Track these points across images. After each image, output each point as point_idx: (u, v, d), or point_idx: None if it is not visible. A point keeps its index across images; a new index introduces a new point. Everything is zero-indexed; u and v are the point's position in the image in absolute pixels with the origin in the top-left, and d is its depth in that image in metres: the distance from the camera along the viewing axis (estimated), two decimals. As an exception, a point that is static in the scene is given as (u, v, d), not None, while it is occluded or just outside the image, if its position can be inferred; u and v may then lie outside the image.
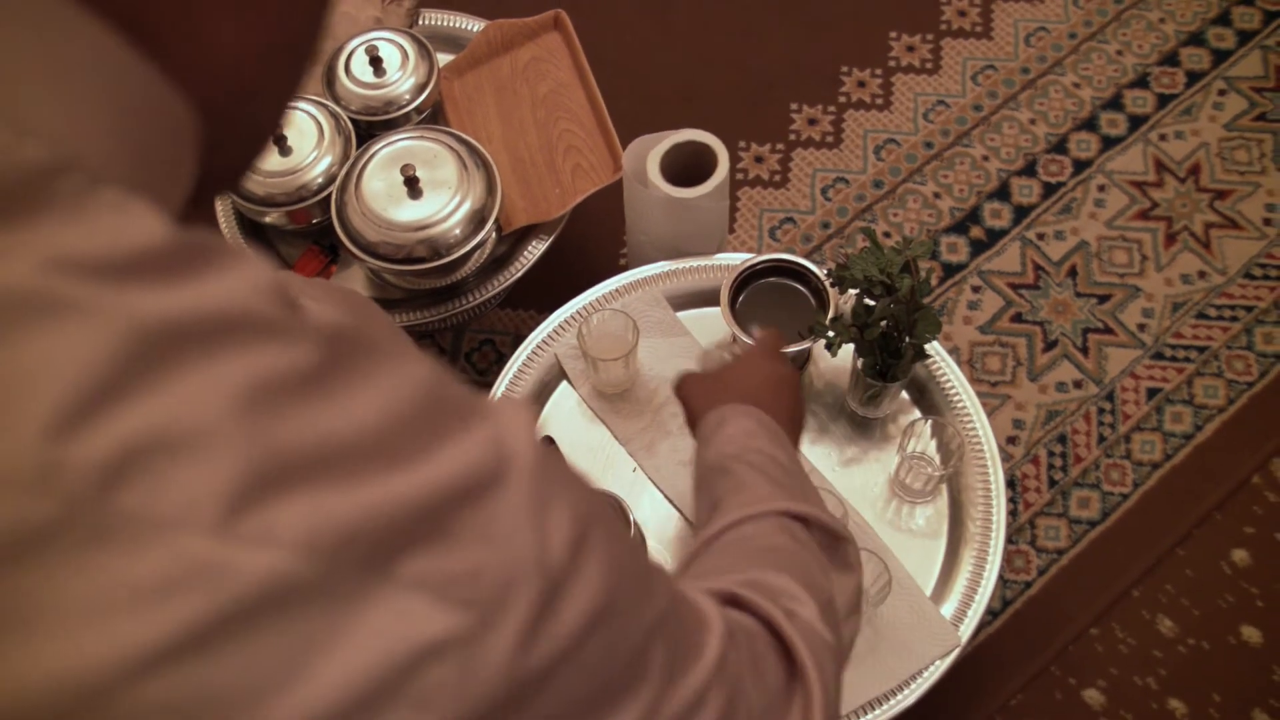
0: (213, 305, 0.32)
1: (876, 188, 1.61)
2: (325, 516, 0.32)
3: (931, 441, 1.19)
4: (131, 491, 0.30)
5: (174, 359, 0.31)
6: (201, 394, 0.31)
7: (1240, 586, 1.34)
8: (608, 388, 1.25)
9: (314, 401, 0.33)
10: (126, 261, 0.31)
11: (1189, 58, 1.69)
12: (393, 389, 0.36)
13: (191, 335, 0.32)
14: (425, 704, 0.34)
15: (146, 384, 0.30)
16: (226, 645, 0.30)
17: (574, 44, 1.43)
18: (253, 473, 0.31)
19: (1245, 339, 1.48)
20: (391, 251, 1.26)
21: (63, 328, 0.30)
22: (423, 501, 0.34)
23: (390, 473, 0.34)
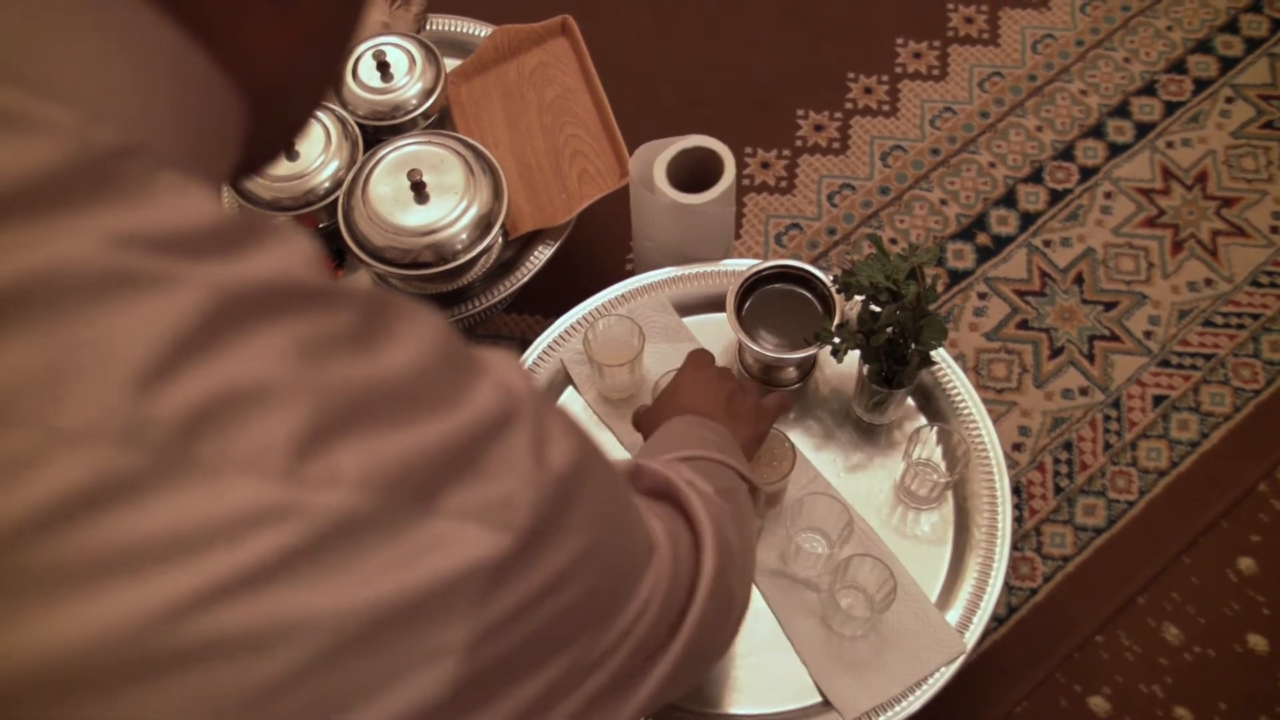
0: (269, 274, 0.36)
1: (883, 194, 1.61)
2: (379, 457, 0.36)
3: (937, 448, 1.19)
4: (210, 441, 0.33)
5: (241, 322, 0.34)
6: (266, 352, 0.35)
7: (1246, 594, 1.34)
8: (613, 393, 1.25)
9: (360, 356, 0.37)
10: (192, 236, 0.35)
11: (1196, 65, 1.69)
12: (420, 342, 0.40)
13: (253, 301, 0.35)
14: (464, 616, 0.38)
15: (218, 345, 0.34)
16: (298, 575, 0.34)
17: (581, 49, 1.43)
18: (315, 421, 0.35)
19: (1252, 347, 1.48)
20: (398, 256, 1.27)
21: (137, 297, 0.33)
22: (457, 441, 0.38)
23: (428, 416, 0.38)
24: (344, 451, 0.35)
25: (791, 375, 1.26)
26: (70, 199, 0.33)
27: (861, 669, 1.10)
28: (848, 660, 1.11)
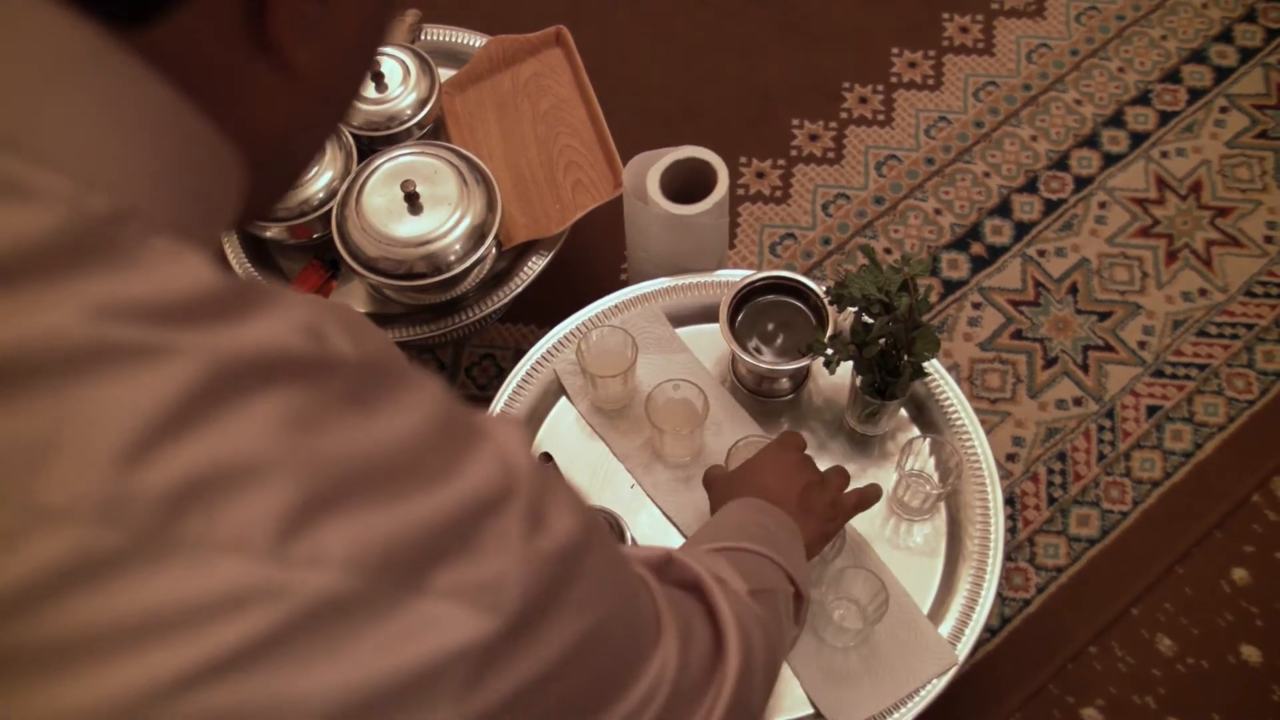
0: (259, 344, 0.35)
1: (878, 204, 1.61)
2: (368, 536, 0.35)
3: (930, 459, 1.19)
4: (193, 520, 0.32)
5: (230, 394, 0.34)
6: (256, 426, 0.34)
7: (1240, 605, 1.34)
8: (606, 404, 1.25)
9: (353, 427, 0.36)
10: (183, 304, 0.34)
11: (1191, 75, 1.69)
12: (416, 411, 0.39)
13: (244, 372, 0.34)
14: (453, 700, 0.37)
15: (205, 419, 0.33)
16: (281, 658, 0.33)
17: (575, 60, 1.43)
18: (303, 498, 0.34)
19: (1246, 357, 1.48)
20: (392, 267, 1.27)
21: (123, 370, 0.32)
22: (451, 517, 0.37)
23: (420, 491, 0.37)
24: (331, 530, 0.34)
25: (784, 386, 1.26)
26: (60, 268, 0.33)
27: (853, 680, 1.10)
28: (840, 672, 1.11)
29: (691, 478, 1.21)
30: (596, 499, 1.20)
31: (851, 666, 1.11)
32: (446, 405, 0.41)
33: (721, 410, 1.24)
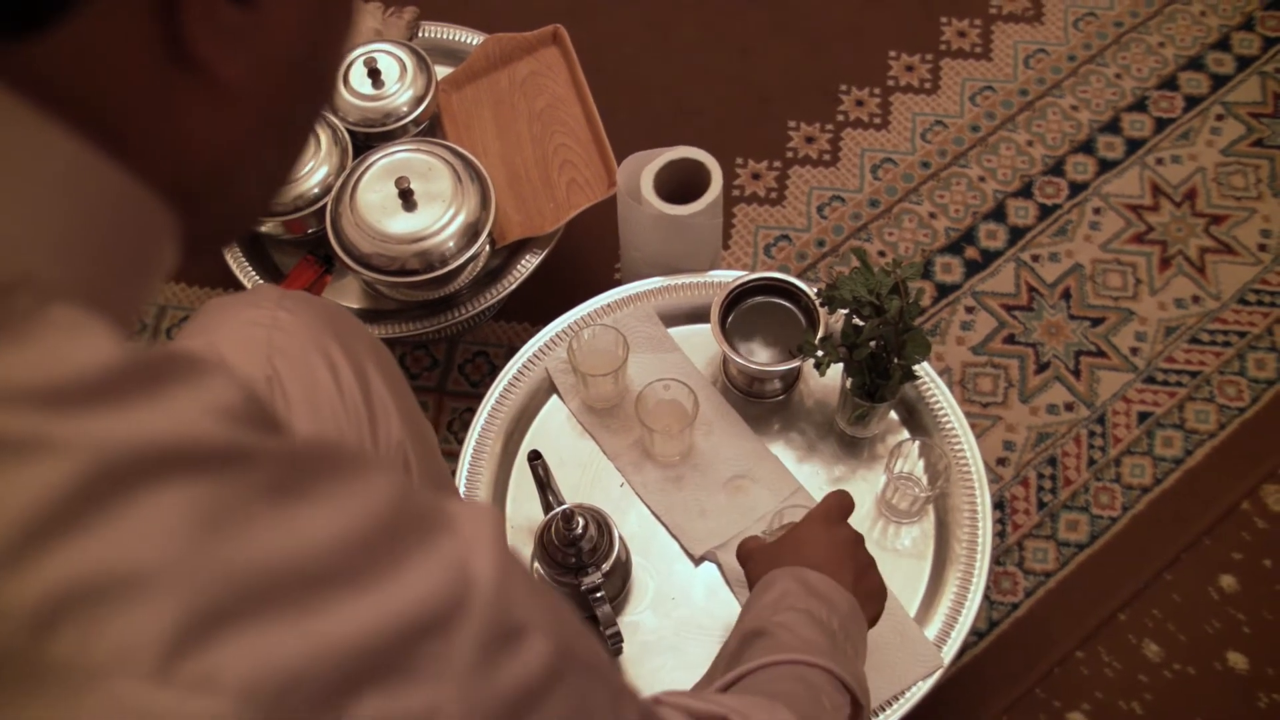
0: (159, 434, 0.31)
1: (872, 206, 1.61)
2: (271, 658, 0.30)
3: (919, 462, 1.19)
4: (65, 638, 0.28)
5: (116, 494, 0.30)
6: (143, 531, 0.30)
7: (1227, 612, 1.34)
8: (597, 402, 1.25)
9: (267, 527, 0.32)
10: (68, 389, 0.30)
11: (1187, 82, 1.70)
12: (353, 507, 0.34)
13: (135, 467, 0.30)
14: None
15: (82, 523, 0.29)
16: None
17: (572, 59, 1.43)
18: (196, 612, 0.30)
19: (1238, 364, 1.48)
20: (385, 263, 1.27)
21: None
22: (379, 635, 0.33)
23: (346, 601, 0.32)
24: (229, 650, 0.30)
25: (775, 387, 1.26)
26: None
27: (839, 682, 1.11)
28: (825, 673, 1.11)
29: (681, 477, 1.21)
30: (586, 497, 1.20)
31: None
32: (394, 499, 0.35)
33: (712, 410, 1.24)
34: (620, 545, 1.12)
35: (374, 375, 0.83)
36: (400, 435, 0.82)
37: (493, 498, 1.21)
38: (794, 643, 0.77)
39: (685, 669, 1.13)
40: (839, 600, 0.85)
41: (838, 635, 0.81)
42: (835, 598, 0.85)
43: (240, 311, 0.81)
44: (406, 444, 0.82)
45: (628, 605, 1.16)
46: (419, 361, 1.50)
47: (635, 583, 1.17)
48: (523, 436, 1.26)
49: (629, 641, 1.12)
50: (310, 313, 0.83)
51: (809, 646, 0.76)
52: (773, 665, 0.74)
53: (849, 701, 0.75)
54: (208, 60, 0.35)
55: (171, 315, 1.55)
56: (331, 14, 0.40)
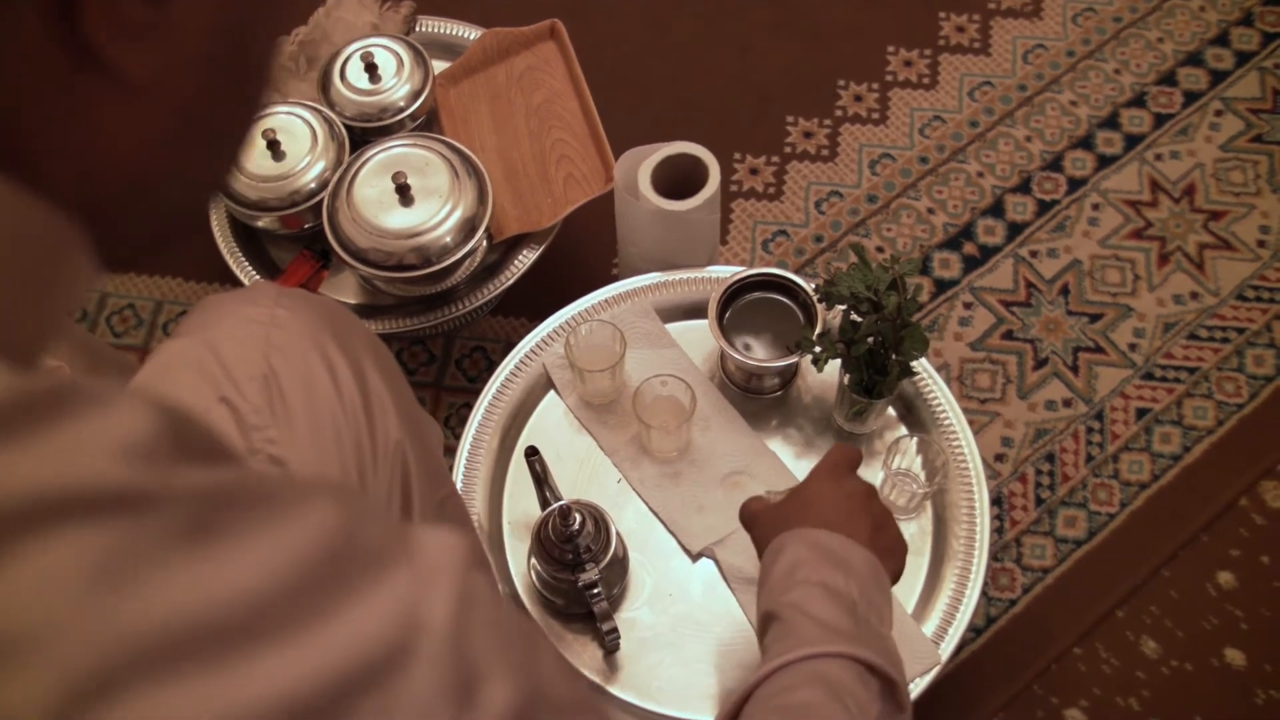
0: (47, 477, 0.28)
1: (870, 202, 1.61)
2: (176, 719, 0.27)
3: (917, 459, 1.19)
4: None
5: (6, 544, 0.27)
6: (27, 588, 0.27)
7: (1225, 609, 1.34)
8: (594, 398, 1.25)
9: (173, 576, 0.29)
10: None
11: (1186, 78, 1.69)
12: (282, 547, 0.31)
13: (18, 517, 0.27)
14: None
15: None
16: None
17: (569, 54, 1.43)
18: (84, 677, 0.27)
19: (1236, 361, 1.48)
20: (382, 258, 1.27)
21: None
22: (306, 693, 0.29)
23: (267, 656, 0.29)
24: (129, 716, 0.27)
25: (773, 383, 1.26)
26: None
27: (836, 678, 1.10)
28: (823, 669, 1.11)
29: (679, 473, 1.21)
30: (583, 493, 1.20)
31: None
32: (333, 535, 0.32)
33: (709, 406, 1.24)
34: (618, 541, 1.12)
35: (372, 373, 0.82)
36: (398, 434, 0.81)
37: (489, 493, 1.21)
38: (809, 631, 0.72)
39: (682, 665, 1.13)
40: (856, 561, 0.79)
41: (859, 605, 0.76)
42: (852, 558, 0.79)
43: (238, 309, 0.81)
44: (405, 443, 0.82)
45: (625, 601, 1.16)
46: (416, 357, 1.50)
47: (633, 579, 1.17)
48: (520, 432, 1.25)
49: (626, 638, 1.12)
50: (308, 311, 0.83)
51: (826, 632, 0.72)
52: (785, 667, 0.70)
53: (878, 682, 0.71)
54: (113, 60, 0.33)
55: (168, 310, 1.55)
56: (252, 6, 0.38)
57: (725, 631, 1.14)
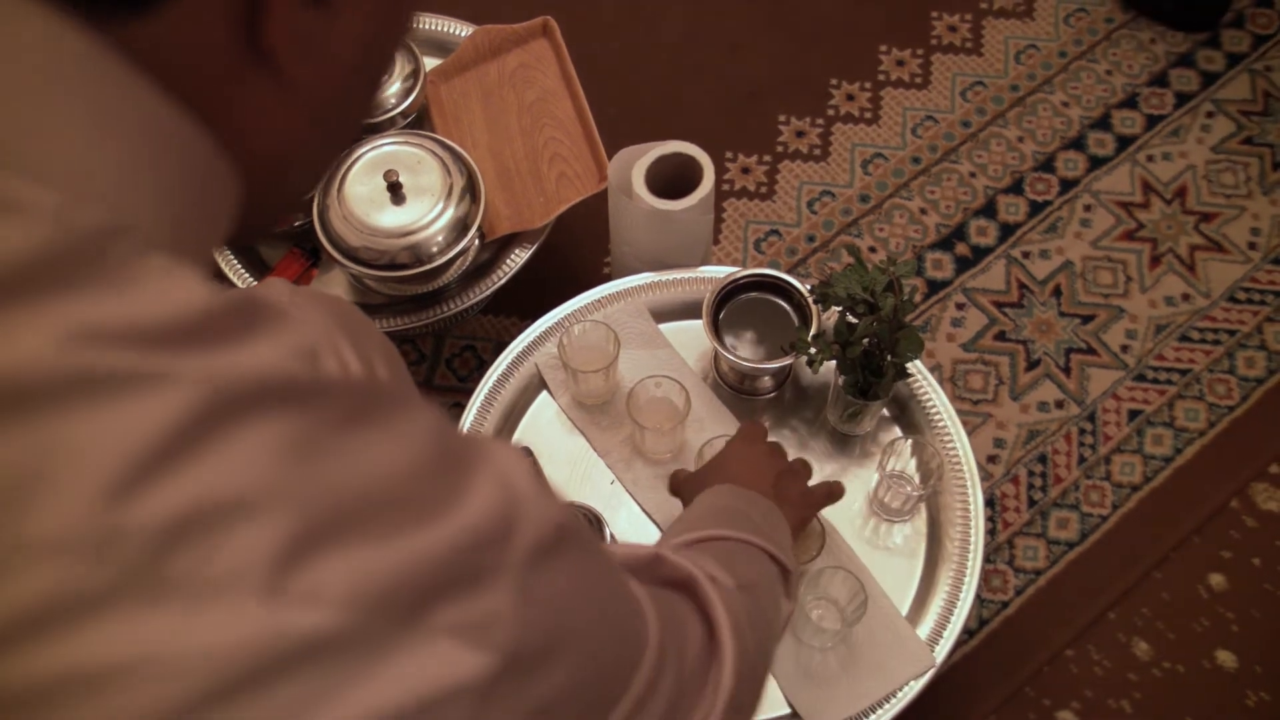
0: (256, 369, 0.34)
1: (863, 202, 1.60)
2: (366, 573, 0.33)
3: (911, 460, 1.19)
4: (185, 557, 0.31)
5: (222, 424, 0.32)
6: (251, 456, 0.32)
7: (1216, 611, 1.34)
8: (588, 399, 1.24)
9: (347, 457, 0.35)
10: (175, 327, 0.32)
11: (1178, 79, 1.69)
12: (413, 438, 0.37)
13: (237, 400, 0.33)
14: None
15: (196, 451, 0.31)
16: (274, 698, 0.32)
17: (562, 52, 1.42)
18: (299, 533, 0.32)
19: (1227, 363, 1.48)
20: (373, 257, 1.25)
21: (113, 397, 0.31)
22: (451, 552, 0.36)
23: (420, 523, 0.35)
24: (329, 566, 0.33)
25: (767, 384, 1.25)
26: (43, 289, 0.31)
27: (831, 681, 1.10)
28: (817, 672, 1.11)
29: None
30: (576, 494, 1.19)
31: (829, 667, 1.11)
32: (444, 431, 0.39)
33: (703, 407, 1.23)
34: (611, 543, 1.11)
35: (381, 372, 0.82)
36: None
37: (482, 495, 1.20)
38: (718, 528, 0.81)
39: (676, 668, 1.12)
40: (756, 508, 0.89)
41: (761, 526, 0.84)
42: (752, 507, 0.89)
43: None
44: None
45: (618, 604, 1.15)
46: (405, 356, 1.48)
47: (626, 581, 1.16)
48: (512, 433, 1.25)
49: (619, 640, 1.11)
50: (321, 309, 0.83)
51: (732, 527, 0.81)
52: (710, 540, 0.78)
53: (779, 568, 0.80)
54: (281, 57, 0.37)
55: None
56: (394, 23, 0.43)
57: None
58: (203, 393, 0.32)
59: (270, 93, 0.39)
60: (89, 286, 0.32)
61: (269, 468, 0.33)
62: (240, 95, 0.38)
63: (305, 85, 0.39)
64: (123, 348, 0.31)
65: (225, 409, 0.32)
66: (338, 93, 0.42)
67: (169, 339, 0.32)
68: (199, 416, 0.32)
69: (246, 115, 0.39)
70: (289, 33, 0.37)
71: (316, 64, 0.39)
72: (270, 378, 0.34)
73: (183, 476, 0.31)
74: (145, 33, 0.35)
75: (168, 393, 0.31)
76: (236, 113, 0.38)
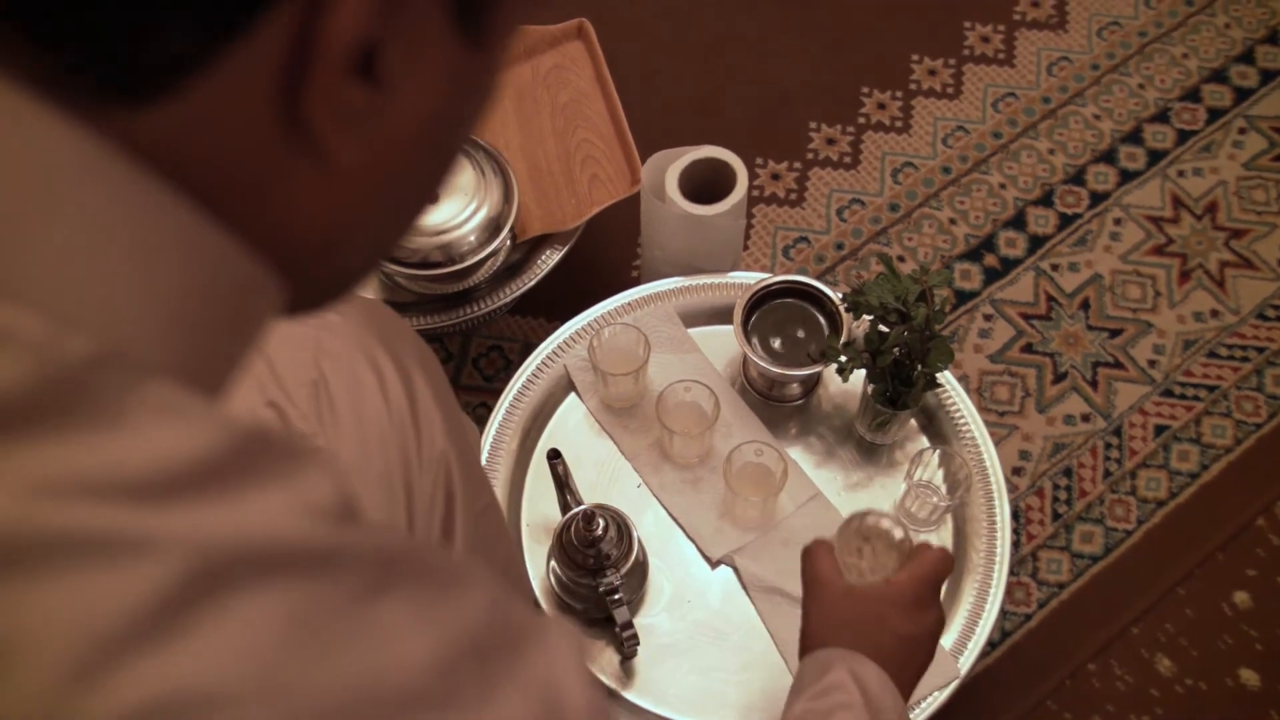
0: (256, 532, 0.29)
1: (892, 211, 1.60)
2: None
3: (939, 471, 1.19)
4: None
5: (209, 599, 0.28)
6: (236, 641, 0.28)
7: (1240, 629, 1.33)
8: (616, 402, 1.24)
9: (359, 642, 0.30)
10: (162, 479, 0.28)
11: (1211, 94, 1.69)
12: (444, 624, 0.32)
13: (231, 569, 0.28)
14: None
15: (176, 629, 0.27)
16: None
17: (596, 53, 1.42)
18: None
19: (1255, 380, 1.47)
20: (405, 255, 1.26)
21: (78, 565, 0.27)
22: None
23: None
24: None
25: (795, 391, 1.25)
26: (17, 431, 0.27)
27: (854, 690, 1.10)
28: (841, 681, 1.10)
29: (699, 479, 1.20)
30: (603, 497, 1.19)
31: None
32: (488, 612, 0.34)
33: (731, 413, 1.23)
34: (639, 547, 1.11)
35: (419, 381, 0.81)
36: (443, 444, 0.80)
37: (509, 495, 1.20)
38: None
39: (699, 673, 1.12)
40: (892, 708, 0.79)
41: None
42: (890, 707, 0.79)
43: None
44: (449, 452, 0.81)
45: (644, 607, 1.15)
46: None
47: (651, 584, 1.16)
48: (540, 434, 1.25)
49: (644, 643, 1.12)
50: (359, 315, 0.82)
51: None
52: None
53: None
54: (325, 141, 0.33)
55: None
56: (468, 89, 0.37)
57: (743, 640, 1.14)
58: (188, 561, 0.28)
59: (316, 178, 0.34)
60: (67, 430, 0.28)
61: (258, 654, 0.28)
62: (275, 183, 0.34)
63: (356, 168, 0.35)
64: (98, 504, 0.27)
65: (214, 580, 0.28)
66: (397, 174, 0.37)
67: (154, 493, 0.28)
68: (181, 590, 0.27)
69: (283, 204, 0.34)
70: (334, 114, 0.32)
71: (365, 143, 0.34)
72: (273, 541, 0.30)
73: (156, 661, 0.27)
74: (156, 122, 0.30)
75: (146, 561, 0.27)
76: (271, 203, 0.34)
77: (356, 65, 0.31)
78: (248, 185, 0.33)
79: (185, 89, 0.30)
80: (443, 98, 0.35)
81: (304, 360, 0.76)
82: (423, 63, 0.33)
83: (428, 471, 0.78)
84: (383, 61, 0.31)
